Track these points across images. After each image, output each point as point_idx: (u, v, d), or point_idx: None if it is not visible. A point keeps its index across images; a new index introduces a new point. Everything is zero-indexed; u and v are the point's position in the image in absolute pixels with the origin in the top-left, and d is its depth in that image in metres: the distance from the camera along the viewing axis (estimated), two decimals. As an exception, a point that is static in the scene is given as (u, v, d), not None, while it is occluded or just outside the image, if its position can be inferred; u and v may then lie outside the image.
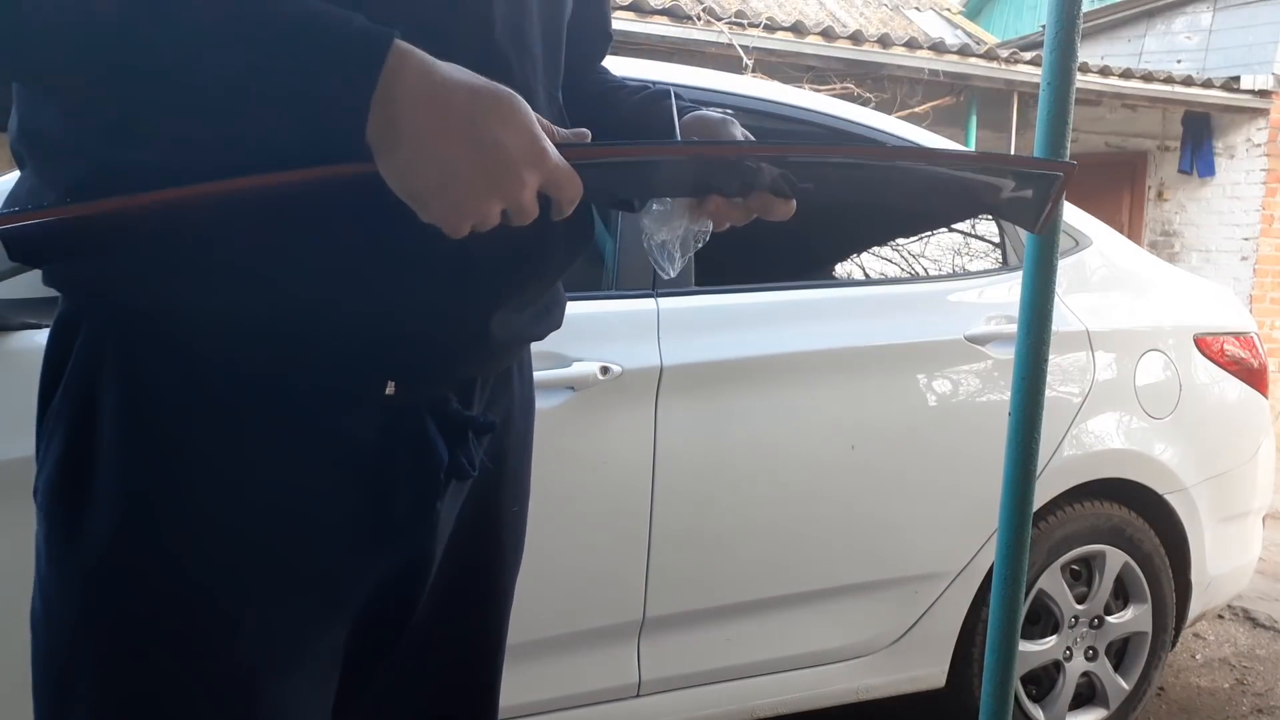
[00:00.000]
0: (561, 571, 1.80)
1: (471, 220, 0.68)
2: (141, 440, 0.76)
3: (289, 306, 0.75)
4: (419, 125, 0.64)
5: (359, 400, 0.81)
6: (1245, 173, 7.43)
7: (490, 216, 0.68)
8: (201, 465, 0.76)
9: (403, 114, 0.64)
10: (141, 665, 0.76)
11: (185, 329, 0.76)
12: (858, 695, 2.18)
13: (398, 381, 0.81)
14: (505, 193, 0.67)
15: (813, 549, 2.06)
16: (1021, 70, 6.65)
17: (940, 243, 2.45)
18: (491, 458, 0.94)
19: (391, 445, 0.83)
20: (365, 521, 0.83)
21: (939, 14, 11.63)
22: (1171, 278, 2.66)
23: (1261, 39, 7.48)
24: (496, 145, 0.66)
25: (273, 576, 0.79)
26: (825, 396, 2.05)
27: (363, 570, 0.84)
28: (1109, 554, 2.40)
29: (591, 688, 1.89)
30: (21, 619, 0.81)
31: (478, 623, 0.99)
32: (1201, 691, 2.93)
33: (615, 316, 1.91)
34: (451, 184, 0.65)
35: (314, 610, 0.82)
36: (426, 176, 0.65)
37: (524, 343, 0.95)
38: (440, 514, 0.87)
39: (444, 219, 0.67)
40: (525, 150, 0.67)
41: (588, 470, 1.84)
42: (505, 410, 0.96)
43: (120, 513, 0.75)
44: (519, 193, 0.67)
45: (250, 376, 0.77)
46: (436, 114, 0.65)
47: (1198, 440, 2.48)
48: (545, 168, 0.68)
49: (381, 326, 0.78)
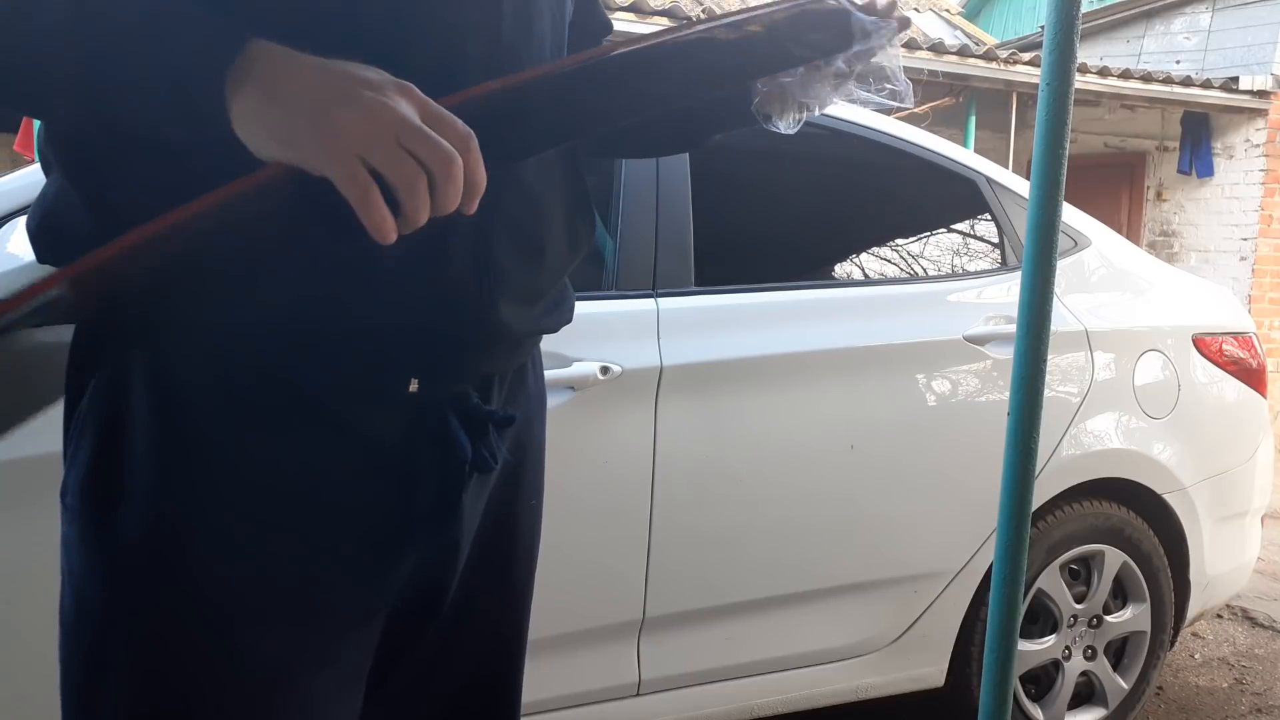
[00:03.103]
0: (562, 570, 1.80)
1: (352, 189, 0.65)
2: (172, 440, 0.78)
3: (308, 307, 0.76)
4: (270, 90, 0.66)
5: (383, 398, 0.83)
6: (1244, 173, 7.43)
7: (354, 192, 0.65)
8: (230, 464, 0.78)
9: (256, 82, 0.66)
10: (169, 655, 0.77)
11: (209, 334, 0.77)
12: (857, 694, 2.18)
13: (420, 379, 0.83)
14: (335, 165, 0.65)
15: (812, 548, 2.06)
16: (1020, 71, 6.65)
17: (940, 243, 2.46)
18: (511, 452, 0.95)
19: (416, 441, 0.84)
20: (394, 516, 0.84)
21: (938, 15, 11.64)
22: (1170, 278, 2.67)
23: (1260, 39, 7.49)
24: (329, 117, 0.65)
25: (304, 572, 0.80)
26: (825, 396, 2.06)
27: (392, 564, 0.86)
28: (1108, 553, 2.41)
29: (591, 687, 1.90)
30: (19, 618, 0.82)
31: (499, 616, 1.00)
32: (1200, 691, 2.93)
33: (615, 316, 1.91)
34: (290, 153, 0.65)
35: (345, 606, 0.83)
36: (271, 145, 0.66)
37: (538, 335, 0.97)
38: (466, 507, 0.89)
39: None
40: (363, 128, 0.65)
41: (588, 470, 1.84)
42: (523, 406, 0.98)
43: (153, 509, 0.77)
44: (345, 165, 0.65)
45: (277, 377, 0.79)
46: (286, 84, 0.66)
47: (1196, 440, 2.49)
48: (384, 145, 0.65)
49: (401, 325, 0.80)
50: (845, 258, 2.41)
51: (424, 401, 0.84)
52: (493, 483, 0.94)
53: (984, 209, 2.41)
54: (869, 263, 2.43)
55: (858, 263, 2.43)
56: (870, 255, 2.43)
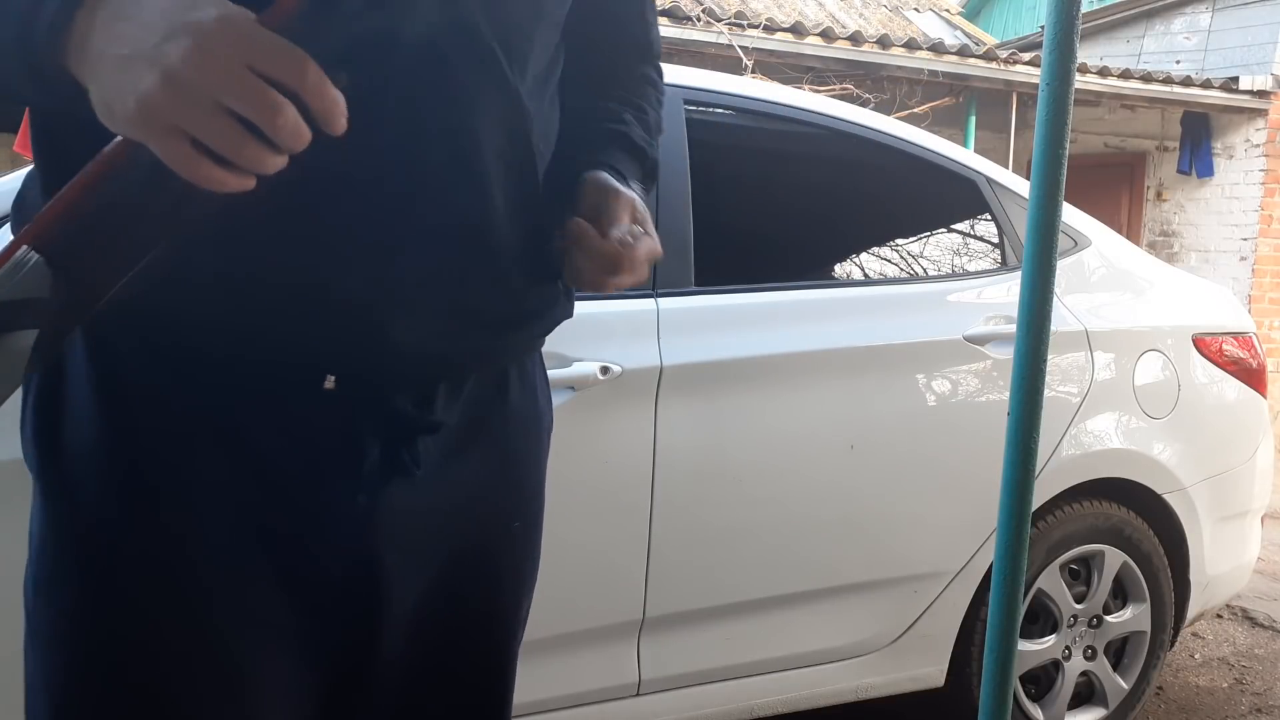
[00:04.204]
0: (561, 570, 1.80)
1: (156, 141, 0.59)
2: (101, 392, 0.79)
3: (223, 293, 0.76)
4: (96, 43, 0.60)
5: (297, 392, 0.80)
6: (1244, 173, 7.44)
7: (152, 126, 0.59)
8: (148, 408, 0.78)
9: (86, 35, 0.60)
10: (56, 616, 0.79)
11: (135, 299, 0.75)
12: (857, 694, 2.18)
13: (337, 377, 0.80)
14: (153, 144, 0.59)
15: (812, 548, 2.06)
16: (1020, 71, 6.66)
17: (940, 243, 2.46)
18: (472, 470, 0.89)
19: (319, 437, 0.80)
20: (260, 519, 0.80)
21: (938, 15, 11.64)
22: (1170, 278, 2.67)
23: (1260, 39, 7.49)
24: (125, 97, 0.58)
25: (168, 565, 0.78)
26: (825, 396, 2.06)
27: (265, 576, 0.80)
28: (1108, 553, 2.41)
29: (591, 687, 1.90)
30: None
31: (474, 649, 0.93)
32: (1200, 691, 2.93)
33: (615, 316, 1.91)
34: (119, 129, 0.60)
35: (219, 613, 0.79)
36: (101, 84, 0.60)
37: (478, 355, 0.88)
38: (386, 518, 0.83)
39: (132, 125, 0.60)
40: (168, 99, 0.58)
41: (588, 470, 1.84)
42: (498, 420, 0.91)
43: (84, 457, 0.78)
44: (159, 142, 0.59)
45: (198, 351, 0.78)
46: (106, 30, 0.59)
47: (1196, 440, 2.49)
48: (197, 112, 0.58)
49: (305, 330, 0.77)
50: (845, 258, 2.41)
51: (334, 399, 0.80)
52: (457, 507, 0.88)
53: (984, 209, 2.41)
54: (869, 263, 2.43)
55: (858, 263, 2.43)
56: (870, 255, 2.43)
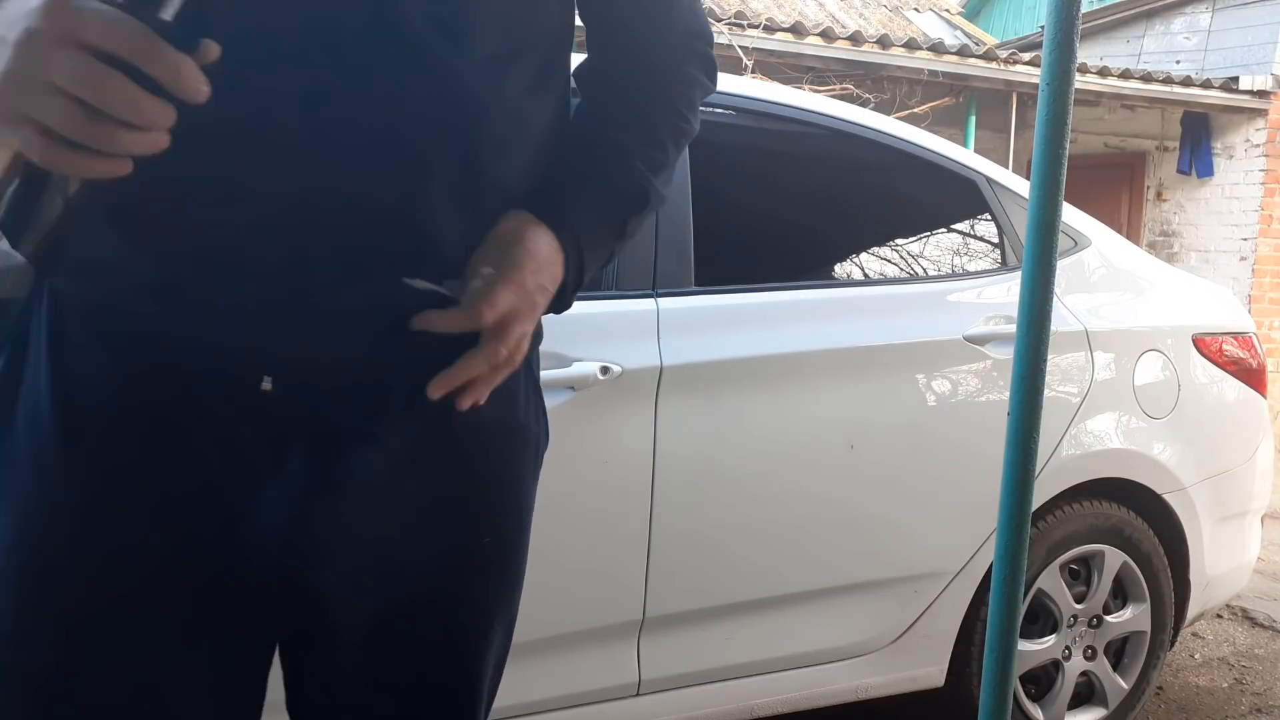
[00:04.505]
0: (561, 571, 1.80)
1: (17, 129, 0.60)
2: (54, 355, 0.81)
3: (159, 281, 0.77)
4: None
5: (231, 391, 0.80)
6: (1244, 173, 7.44)
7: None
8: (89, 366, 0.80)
9: None
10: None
11: (83, 264, 0.78)
12: (857, 694, 2.18)
13: (274, 378, 0.80)
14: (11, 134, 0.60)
15: (812, 548, 2.06)
16: (1020, 71, 6.66)
17: (940, 243, 2.46)
18: (428, 485, 0.87)
19: (233, 439, 0.80)
20: (187, 516, 0.80)
21: (938, 15, 11.64)
22: (1170, 278, 2.67)
23: (1260, 39, 7.49)
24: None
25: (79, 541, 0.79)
26: (825, 396, 2.06)
27: (189, 568, 0.81)
28: (1108, 553, 2.41)
29: (591, 687, 1.90)
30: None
31: (436, 667, 0.91)
32: (1200, 691, 2.93)
33: (615, 316, 1.91)
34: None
35: (141, 599, 0.80)
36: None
37: (406, 365, 0.83)
38: (318, 530, 0.82)
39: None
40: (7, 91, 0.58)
41: (588, 470, 1.84)
42: (467, 436, 0.88)
43: (34, 419, 0.80)
44: (16, 133, 0.60)
45: (141, 333, 0.79)
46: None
47: (1196, 440, 2.49)
48: (38, 102, 0.58)
49: (233, 325, 0.78)
50: (845, 258, 2.41)
51: (274, 401, 0.80)
52: (403, 520, 0.86)
53: (984, 209, 2.41)
54: (869, 263, 2.43)
55: (858, 263, 2.43)
56: (870, 255, 2.43)
